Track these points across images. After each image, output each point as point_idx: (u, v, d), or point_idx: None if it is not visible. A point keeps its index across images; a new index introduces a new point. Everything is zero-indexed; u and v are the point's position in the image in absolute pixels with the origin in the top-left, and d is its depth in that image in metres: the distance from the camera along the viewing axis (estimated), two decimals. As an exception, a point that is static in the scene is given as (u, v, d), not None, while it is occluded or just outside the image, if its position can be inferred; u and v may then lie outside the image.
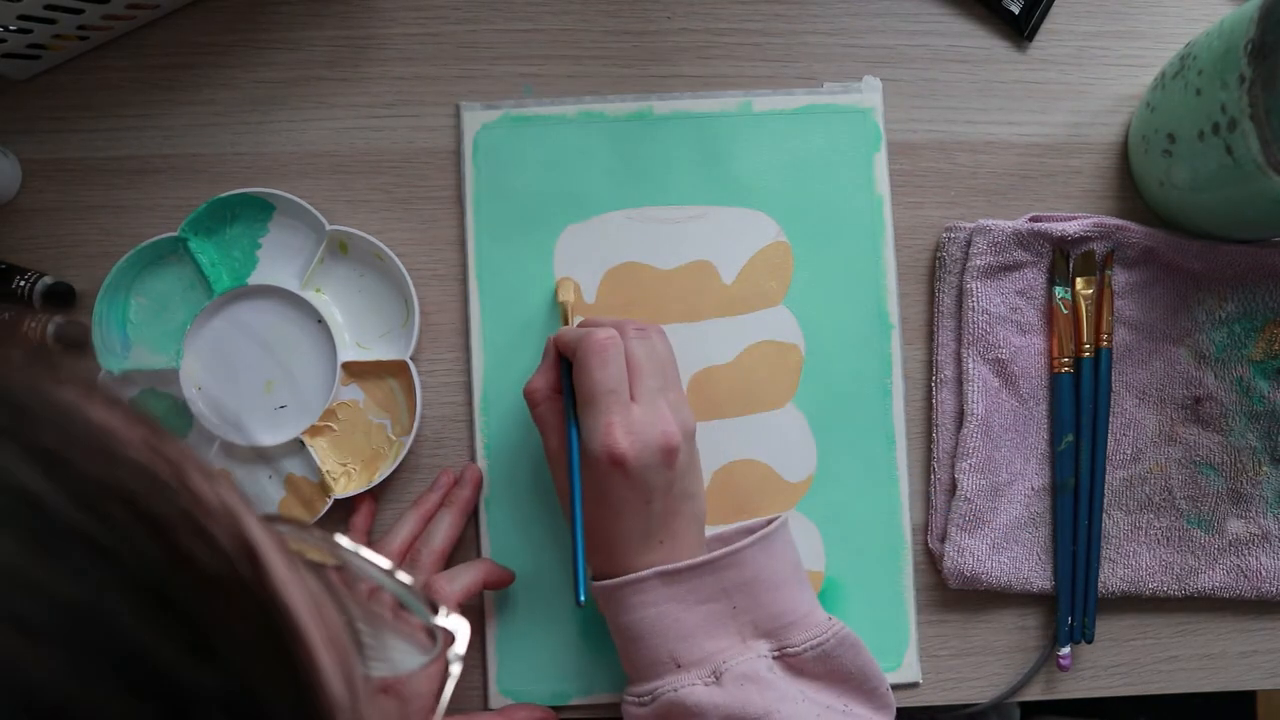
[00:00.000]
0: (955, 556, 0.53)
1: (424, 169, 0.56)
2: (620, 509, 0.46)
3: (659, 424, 0.45)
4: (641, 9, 0.56)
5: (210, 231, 0.54)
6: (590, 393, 0.46)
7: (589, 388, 0.46)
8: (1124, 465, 0.54)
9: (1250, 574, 0.54)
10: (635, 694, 0.46)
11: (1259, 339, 0.54)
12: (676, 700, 0.44)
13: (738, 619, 0.46)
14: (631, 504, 0.46)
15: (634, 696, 0.46)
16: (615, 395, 0.46)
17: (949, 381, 0.55)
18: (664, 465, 0.45)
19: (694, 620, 0.45)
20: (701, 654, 0.45)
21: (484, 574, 0.50)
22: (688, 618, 0.45)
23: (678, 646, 0.45)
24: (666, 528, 0.47)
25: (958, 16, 0.57)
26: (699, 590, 0.46)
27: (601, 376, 0.46)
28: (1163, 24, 0.57)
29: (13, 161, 0.55)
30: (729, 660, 0.45)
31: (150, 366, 0.54)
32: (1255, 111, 0.44)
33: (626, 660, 0.47)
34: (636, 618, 0.46)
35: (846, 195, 0.55)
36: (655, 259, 0.55)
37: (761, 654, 0.45)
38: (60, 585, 0.16)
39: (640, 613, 0.46)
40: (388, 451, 0.54)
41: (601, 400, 0.45)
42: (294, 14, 0.56)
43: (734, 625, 0.46)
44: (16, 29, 0.49)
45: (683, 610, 0.45)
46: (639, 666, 0.46)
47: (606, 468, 0.45)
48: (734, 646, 0.46)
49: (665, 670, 0.45)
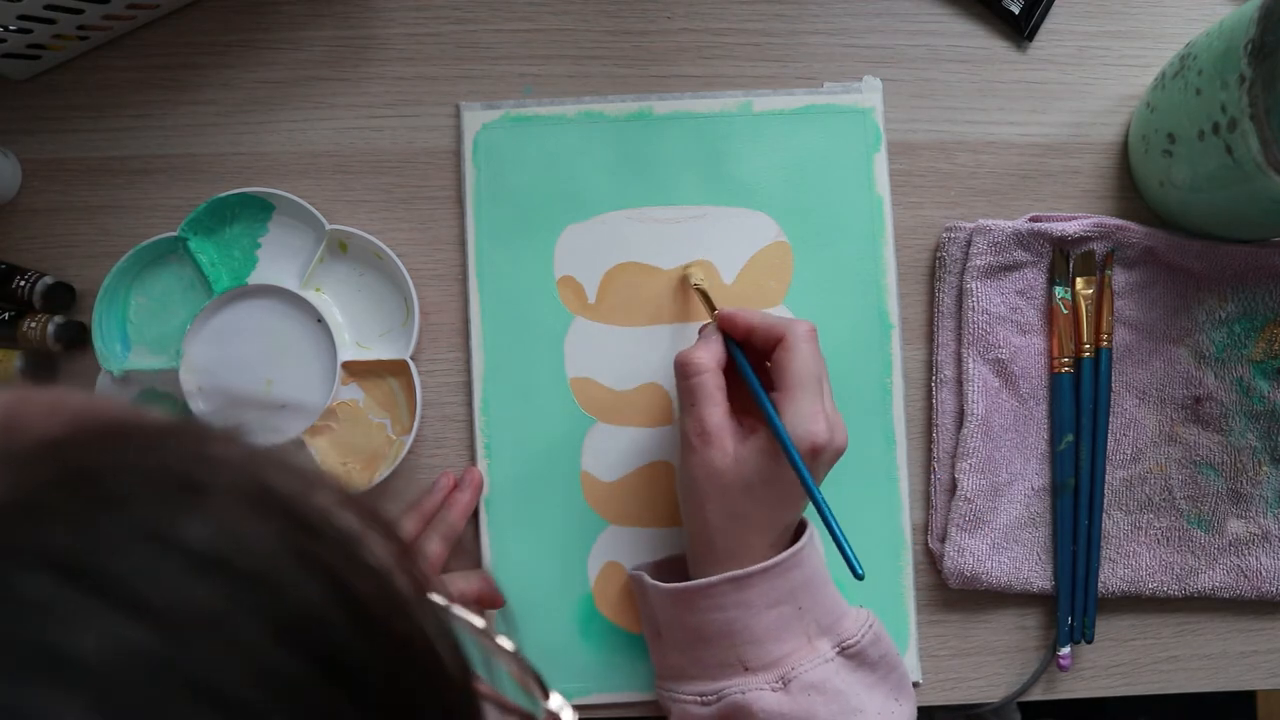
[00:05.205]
0: (955, 556, 0.53)
1: (424, 169, 0.56)
2: (784, 499, 0.45)
3: (841, 425, 0.46)
4: (641, 9, 0.56)
5: (210, 231, 0.54)
6: (800, 376, 0.45)
7: (799, 371, 0.45)
8: (1124, 465, 0.54)
9: (1250, 574, 0.54)
10: (696, 692, 0.46)
11: (1259, 339, 0.54)
12: (743, 703, 0.44)
13: (803, 619, 0.46)
14: (795, 497, 0.46)
15: (694, 695, 0.46)
16: (821, 384, 0.46)
17: (949, 381, 0.55)
18: (831, 464, 0.46)
19: (764, 624, 0.45)
20: (770, 658, 0.45)
21: (481, 585, 0.50)
22: (758, 622, 0.45)
23: (747, 650, 0.45)
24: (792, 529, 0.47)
25: (958, 16, 0.57)
26: (769, 594, 0.45)
27: (815, 363, 0.46)
28: (1163, 24, 0.57)
29: (13, 161, 0.55)
30: (798, 667, 0.45)
31: (150, 366, 0.54)
32: (1255, 111, 0.44)
33: (689, 657, 0.47)
34: (708, 619, 0.45)
35: (846, 195, 0.55)
36: (655, 259, 0.55)
37: (827, 656, 0.45)
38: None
39: (712, 615, 0.45)
40: (388, 451, 0.54)
41: (811, 386, 0.45)
42: (294, 14, 0.56)
43: (800, 626, 0.46)
44: (16, 29, 0.49)
45: (753, 615, 0.45)
46: (705, 666, 0.46)
47: (803, 454, 0.44)
48: (802, 649, 0.45)
49: (732, 672, 0.45)
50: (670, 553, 0.54)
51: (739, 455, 0.45)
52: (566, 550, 0.54)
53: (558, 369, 0.54)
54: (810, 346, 0.46)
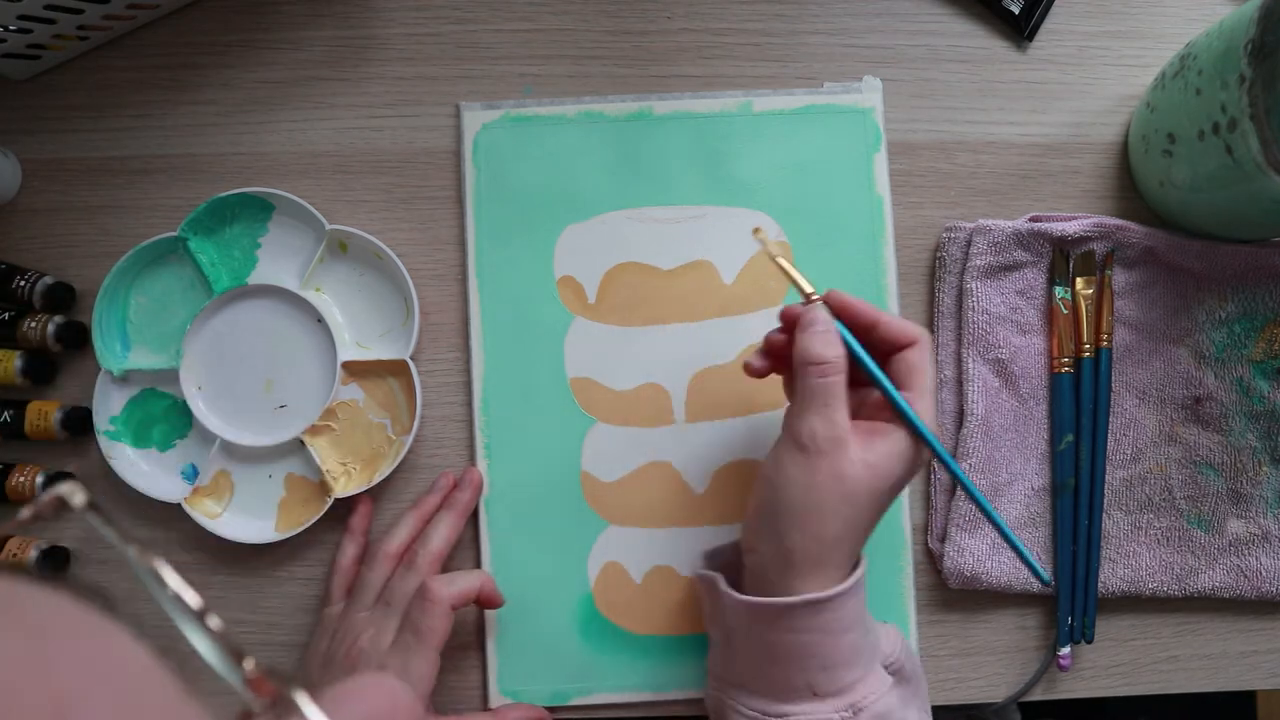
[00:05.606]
0: (955, 556, 0.53)
1: (424, 169, 0.56)
2: (876, 504, 0.44)
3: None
4: (641, 9, 0.56)
5: (210, 231, 0.54)
6: (933, 382, 0.44)
7: (932, 376, 0.44)
8: (1124, 465, 0.54)
9: (1250, 574, 0.54)
10: (759, 709, 0.44)
11: (1259, 339, 0.54)
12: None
13: (869, 643, 0.45)
14: (884, 505, 0.44)
15: (757, 711, 0.44)
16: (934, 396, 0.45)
17: (949, 381, 0.55)
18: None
19: (839, 650, 0.43)
20: (840, 684, 0.43)
21: (480, 584, 0.49)
22: (834, 647, 0.43)
23: (818, 676, 0.43)
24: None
25: (958, 16, 0.57)
26: (845, 618, 0.43)
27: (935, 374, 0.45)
28: (1163, 24, 0.57)
29: (13, 161, 0.55)
30: (868, 696, 0.43)
31: (150, 366, 0.54)
32: (1255, 111, 0.44)
33: (756, 673, 0.45)
34: (783, 639, 0.43)
35: (846, 195, 0.55)
36: (655, 259, 0.55)
37: (887, 682, 0.44)
38: None
39: (789, 635, 0.43)
40: (388, 451, 0.54)
41: (933, 396, 0.44)
42: (294, 14, 0.56)
43: (869, 651, 0.44)
44: (16, 29, 0.49)
45: (831, 640, 0.43)
46: (772, 684, 0.44)
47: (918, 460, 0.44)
48: (870, 676, 0.44)
49: (799, 697, 0.43)
50: (670, 552, 0.54)
51: (869, 460, 0.42)
52: (566, 550, 0.54)
53: (558, 369, 0.54)
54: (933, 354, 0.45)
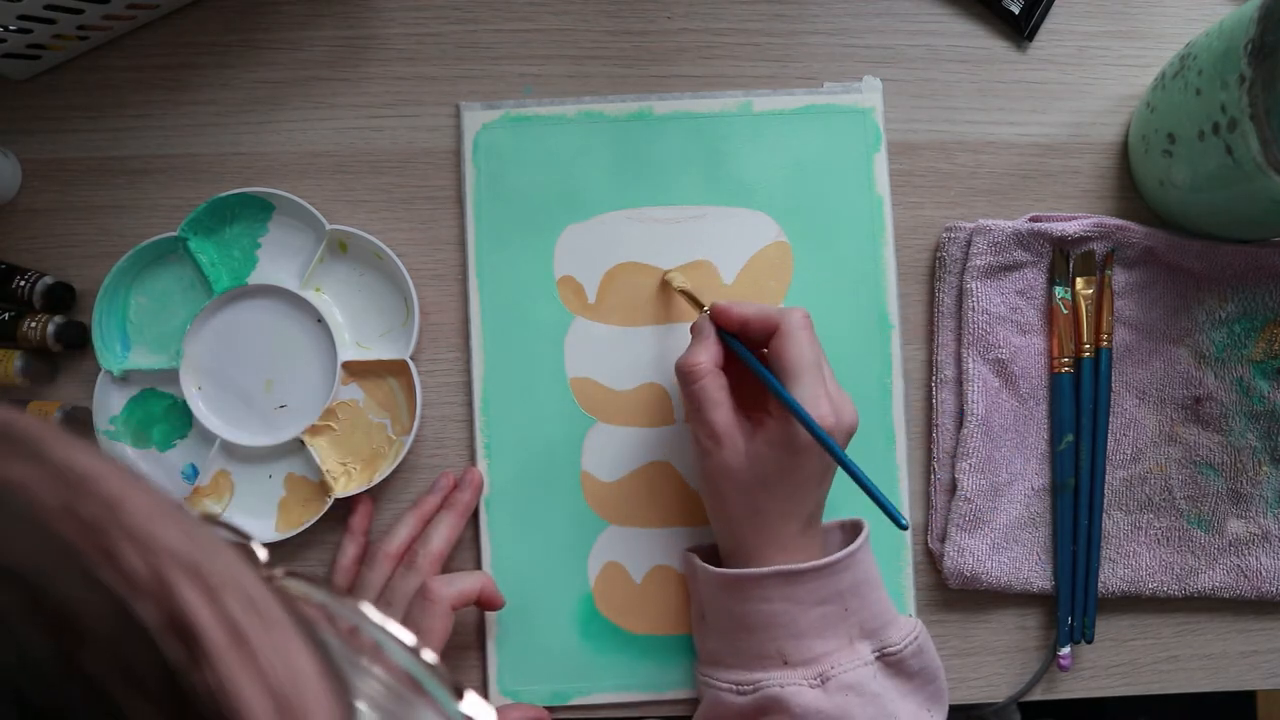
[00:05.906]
0: (955, 556, 0.53)
1: (424, 169, 0.56)
2: (801, 486, 0.46)
3: (848, 404, 0.46)
4: (641, 9, 0.56)
5: (210, 231, 0.54)
6: (800, 363, 0.46)
7: (797, 359, 0.46)
8: (1124, 465, 0.54)
9: (1250, 574, 0.54)
10: (733, 681, 0.46)
11: (1259, 339, 0.54)
12: (780, 696, 0.45)
13: (848, 620, 0.46)
14: (813, 482, 0.46)
15: (731, 683, 0.47)
16: (821, 369, 0.46)
17: (949, 381, 0.55)
18: (845, 443, 0.46)
19: (808, 621, 0.46)
20: (810, 654, 0.45)
21: (481, 585, 0.49)
22: (803, 618, 0.46)
23: (788, 645, 0.46)
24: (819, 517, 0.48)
25: (958, 16, 0.57)
26: (818, 591, 0.46)
27: (812, 349, 0.46)
28: (1163, 24, 0.57)
29: (13, 161, 0.55)
30: (837, 666, 0.45)
31: (150, 366, 0.54)
32: (1255, 111, 0.44)
33: (730, 645, 0.47)
34: (753, 609, 0.46)
35: (846, 195, 0.55)
36: (655, 259, 0.55)
37: (866, 659, 0.46)
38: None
39: (758, 605, 0.46)
40: (388, 451, 0.54)
41: (811, 372, 0.46)
42: (294, 14, 0.56)
43: (844, 627, 0.46)
44: (16, 29, 0.49)
45: (799, 610, 0.46)
46: (744, 655, 0.46)
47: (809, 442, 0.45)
48: (842, 649, 0.46)
49: (771, 665, 0.46)
50: (670, 552, 0.54)
51: (750, 452, 0.46)
52: (566, 550, 0.54)
53: (558, 369, 0.54)
54: (806, 333, 0.47)
